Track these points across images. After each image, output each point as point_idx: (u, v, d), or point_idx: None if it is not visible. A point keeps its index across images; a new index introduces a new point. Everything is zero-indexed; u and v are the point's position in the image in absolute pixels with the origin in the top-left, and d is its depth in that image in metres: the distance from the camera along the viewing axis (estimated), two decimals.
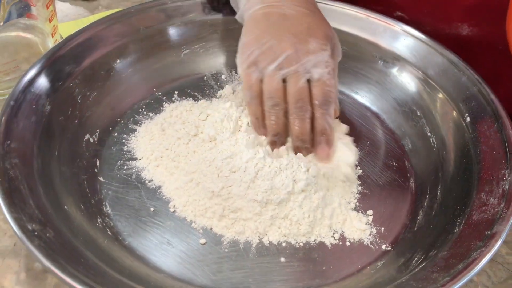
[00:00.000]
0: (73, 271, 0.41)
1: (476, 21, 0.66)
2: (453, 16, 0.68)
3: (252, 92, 0.55)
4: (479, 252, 0.44)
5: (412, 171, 0.61)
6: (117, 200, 0.56)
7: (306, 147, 0.56)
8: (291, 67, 0.53)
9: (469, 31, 0.68)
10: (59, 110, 0.58)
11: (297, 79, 0.53)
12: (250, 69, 0.54)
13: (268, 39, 0.54)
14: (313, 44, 0.53)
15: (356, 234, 0.54)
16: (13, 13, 0.64)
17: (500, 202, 0.48)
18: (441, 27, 0.65)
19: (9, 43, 0.68)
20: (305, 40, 0.53)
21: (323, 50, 0.54)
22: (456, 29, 0.68)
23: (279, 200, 0.53)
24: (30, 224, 0.44)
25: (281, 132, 0.55)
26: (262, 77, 0.54)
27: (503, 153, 0.53)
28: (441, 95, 0.62)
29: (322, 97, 0.54)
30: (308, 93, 0.54)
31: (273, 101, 0.54)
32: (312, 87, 0.53)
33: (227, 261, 0.51)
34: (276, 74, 0.53)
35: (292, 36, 0.53)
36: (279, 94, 0.53)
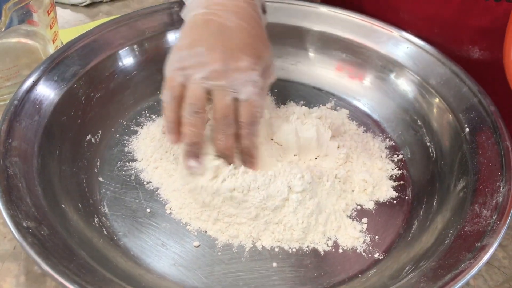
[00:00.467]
0: (63, 269, 0.42)
1: (487, 44, 0.66)
2: (464, 38, 0.67)
3: (173, 93, 0.53)
4: (468, 264, 0.44)
5: (409, 181, 0.61)
6: (115, 200, 0.57)
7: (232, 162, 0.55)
8: (218, 81, 0.52)
9: (480, 55, 0.67)
10: (62, 111, 0.59)
11: (224, 96, 0.52)
12: (177, 72, 0.53)
13: (201, 48, 0.52)
14: (244, 62, 0.52)
15: (349, 242, 0.54)
16: (15, 19, 0.65)
17: (492, 214, 0.48)
18: (451, 49, 0.65)
19: (10, 49, 0.69)
20: (237, 57, 0.52)
21: (253, 69, 0.52)
22: (467, 52, 0.68)
23: (274, 206, 0.53)
24: (25, 222, 0.45)
25: (197, 142, 0.54)
26: (186, 83, 0.53)
27: (499, 165, 0.52)
28: (441, 105, 0.62)
29: (249, 117, 0.53)
30: (234, 111, 0.53)
31: (195, 107, 0.52)
32: (239, 106, 0.53)
33: (220, 264, 0.52)
34: (201, 83, 0.52)
35: (225, 49, 0.52)
36: (201, 103, 0.52)
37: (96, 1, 0.87)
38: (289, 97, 0.69)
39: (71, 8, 0.86)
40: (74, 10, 0.86)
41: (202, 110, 0.52)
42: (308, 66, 0.72)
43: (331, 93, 0.70)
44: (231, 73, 0.52)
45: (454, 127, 0.59)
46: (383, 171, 0.61)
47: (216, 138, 0.54)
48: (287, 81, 0.72)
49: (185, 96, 0.53)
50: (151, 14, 0.69)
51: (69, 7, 0.86)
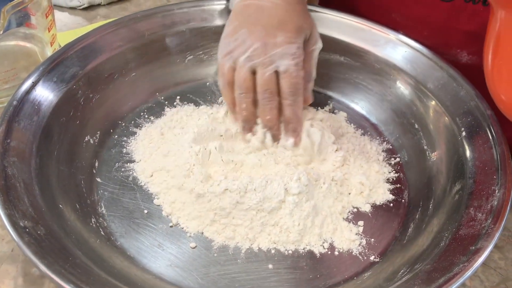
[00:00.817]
0: (59, 268, 0.42)
1: (476, 49, 0.66)
2: (453, 42, 0.68)
3: (224, 79, 0.58)
4: (461, 267, 0.44)
5: (406, 184, 0.61)
6: (112, 201, 0.57)
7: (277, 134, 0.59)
8: (259, 59, 0.56)
9: (468, 59, 0.68)
10: (61, 112, 0.59)
11: (264, 71, 0.56)
12: (225, 58, 0.58)
13: (242, 32, 0.57)
14: (281, 38, 0.56)
15: (345, 244, 0.54)
16: (13, 22, 0.65)
17: (487, 218, 0.48)
18: (440, 52, 0.65)
19: (8, 52, 0.70)
20: (274, 34, 0.56)
21: (290, 43, 0.56)
22: (455, 56, 0.68)
23: (270, 208, 0.54)
24: (22, 221, 0.46)
25: (248, 119, 0.58)
26: (234, 66, 0.58)
27: (495, 169, 0.53)
28: (438, 109, 0.62)
29: (289, 88, 0.56)
30: (275, 84, 0.56)
31: (240, 90, 0.57)
32: (280, 79, 0.56)
33: (215, 266, 0.52)
34: (245, 65, 0.57)
35: (264, 28, 0.57)
36: (246, 84, 0.57)
37: (94, 4, 0.87)
38: None
39: (69, 11, 0.86)
40: (72, 13, 0.86)
41: (247, 91, 0.57)
42: None
43: (329, 96, 0.71)
44: (270, 49, 0.56)
45: (451, 130, 0.60)
46: (380, 174, 0.61)
47: (260, 112, 0.58)
48: None
49: (235, 79, 0.58)
50: (150, 16, 0.69)
51: (67, 10, 0.86)
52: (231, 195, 0.54)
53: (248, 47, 0.56)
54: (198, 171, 0.56)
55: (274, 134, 0.58)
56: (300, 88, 0.57)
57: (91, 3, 0.86)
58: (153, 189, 0.58)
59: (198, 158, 0.57)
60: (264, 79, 0.56)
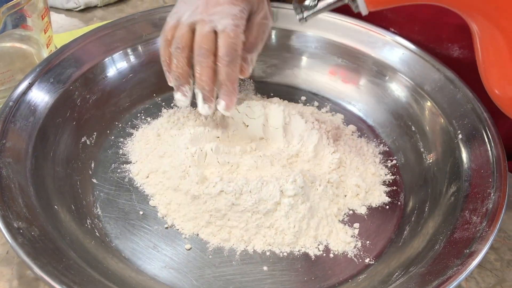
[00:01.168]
0: (51, 269, 0.42)
1: (467, 42, 0.66)
2: (443, 36, 0.68)
3: (164, 36, 0.58)
4: (455, 270, 0.44)
5: (402, 186, 0.61)
6: (108, 202, 0.57)
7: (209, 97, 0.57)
8: (199, 16, 0.56)
9: (460, 53, 0.68)
10: (57, 112, 0.59)
11: (202, 28, 0.56)
12: (171, 17, 0.59)
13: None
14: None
15: (340, 247, 0.54)
16: (9, 24, 0.65)
17: (482, 221, 0.48)
18: (432, 47, 0.65)
19: (4, 54, 0.70)
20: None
21: (233, 4, 0.56)
22: (447, 50, 0.68)
23: (266, 210, 0.54)
24: (16, 222, 0.46)
25: (181, 77, 0.57)
26: (177, 24, 0.58)
27: (490, 172, 0.52)
28: (435, 111, 0.62)
29: (224, 47, 0.55)
30: (211, 43, 0.55)
31: (177, 45, 0.56)
32: (218, 38, 0.55)
33: (210, 267, 0.52)
34: (186, 22, 0.57)
35: None
36: (183, 39, 0.56)
37: (90, 6, 0.87)
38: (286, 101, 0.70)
39: (65, 13, 0.86)
40: (69, 15, 0.86)
41: (183, 45, 0.56)
42: (304, 71, 0.72)
43: (327, 98, 0.71)
44: (212, 7, 0.56)
45: (447, 133, 0.60)
46: (376, 176, 0.61)
47: (195, 70, 0.56)
48: (283, 85, 0.72)
49: (174, 36, 0.57)
50: (147, 17, 0.69)
51: (64, 12, 0.86)
52: (227, 196, 0.54)
53: (192, 6, 0.57)
54: (194, 173, 0.56)
55: (206, 96, 0.57)
56: (237, 50, 0.55)
57: (88, 5, 0.86)
58: (149, 190, 0.58)
59: (194, 159, 0.57)
60: (201, 36, 0.55)
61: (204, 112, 0.57)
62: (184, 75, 0.57)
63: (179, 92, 0.58)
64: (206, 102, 0.57)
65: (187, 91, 0.58)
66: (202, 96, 0.57)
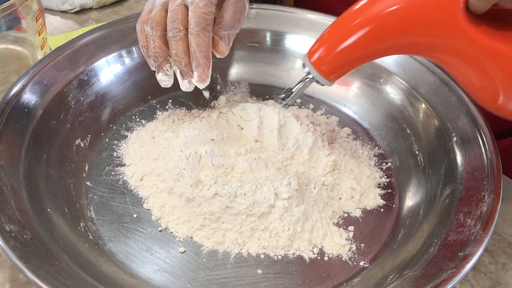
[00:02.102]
0: (43, 273, 0.42)
1: None
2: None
3: (140, 19, 0.60)
4: (449, 273, 0.44)
5: (397, 189, 0.61)
6: (101, 205, 0.57)
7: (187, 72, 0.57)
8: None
9: None
10: (51, 115, 0.59)
11: (173, 4, 0.57)
12: (147, 4, 0.61)
13: None
14: None
15: (335, 250, 0.54)
16: (3, 25, 0.65)
17: (476, 224, 0.48)
18: None
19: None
20: None
21: None
22: None
23: (260, 213, 0.53)
24: (8, 225, 0.45)
25: (158, 55, 0.57)
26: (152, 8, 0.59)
27: (485, 174, 0.52)
28: (430, 114, 0.62)
29: (194, 18, 0.56)
30: (182, 16, 0.57)
31: (150, 25, 0.58)
32: (188, 12, 0.56)
33: (204, 270, 0.52)
34: (159, 2, 0.58)
35: None
36: (156, 18, 0.58)
37: (85, 8, 0.87)
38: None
39: (60, 15, 0.86)
40: (64, 16, 0.86)
41: (156, 24, 0.57)
42: (300, 73, 0.71)
43: (322, 100, 0.70)
44: None
45: (442, 135, 0.59)
46: (371, 179, 0.61)
47: (169, 45, 0.57)
48: (278, 87, 0.72)
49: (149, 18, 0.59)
50: None
51: (59, 13, 0.86)
52: (221, 199, 0.53)
53: None
54: (188, 175, 0.55)
55: (184, 71, 0.57)
56: (207, 20, 0.56)
57: (83, 7, 0.86)
58: (143, 193, 0.58)
59: (188, 162, 0.57)
60: (172, 11, 0.57)
61: (185, 88, 0.58)
62: (161, 53, 0.57)
63: (160, 73, 0.58)
64: (185, 77, 0.57)
65: (168, 70, 0.58)
66: (179, 72, 0.57)
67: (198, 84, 0.57)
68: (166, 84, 0.59)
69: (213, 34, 0.58)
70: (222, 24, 0.59)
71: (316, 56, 0.49)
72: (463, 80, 0.47)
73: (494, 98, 0.45)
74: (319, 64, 0.49)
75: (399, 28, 0.45)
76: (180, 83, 0.58)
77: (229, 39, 0.60)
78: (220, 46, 0.59)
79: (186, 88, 0.58)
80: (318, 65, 0.50)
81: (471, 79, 0.46)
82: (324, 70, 0.50)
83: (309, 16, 0.71)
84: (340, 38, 0.47)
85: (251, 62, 0.72)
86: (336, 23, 0.48)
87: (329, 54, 0.48)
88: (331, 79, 0.51)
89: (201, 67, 0.56)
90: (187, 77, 0.57)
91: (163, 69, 0.58)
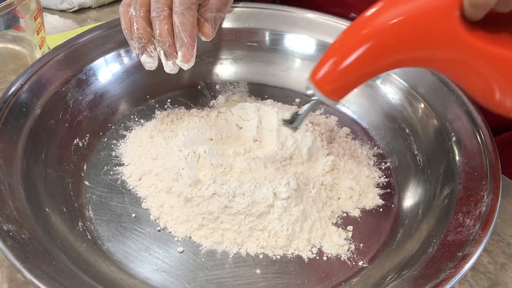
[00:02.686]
0: (41, 273, 0.42)
1: None
2: None
3: (123, 3, 0.59)
4: (448, 273, 0.44)
5: (396, 189, 0.60)
6: (100, 204, 0.56)
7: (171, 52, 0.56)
8: None
9: None
10: (49, 114, 0.59)
11: None
12: None
13: None
14: None
15: (334, 249, 0.54)
16: (1, 24, 0.65)
17: (475, 224, 0.48)
18: None
19: None
20: None
21: None
22: None
23: (259, 213, 0.53)
24: (6, 225, 0.45)
25: (141, 36, 0.57)
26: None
27: (484, 174, 0.52)
28: (429, 114, 0.62)
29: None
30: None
31: (134, 6, 0.57)
32: None
33: (203, 270, 0.52)
34: None
35: None
36: (140, 0, 0.57)
37: (84, 7, 0.87)
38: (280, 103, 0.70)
39: (59, 14, 0.86)
40: (62, 16, 0.85)
41: (140, 5, 0.57)
42: (299, 73, 0.72)
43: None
44: None
45: (441, 135, 0.59)
46: (370, 178, 0.61)
47: (153, 26, 0.57)
48: (277, 87, 0.72)
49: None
50: None
51: (57, 12, 0.86)
52: (220, 199, 0.53)
53: None
54: (186, 175, 0.55)
55: (168, 52, 0.56)
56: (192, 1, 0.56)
57: (82, 6, 0.86)
58: (142, 193, 0.58)
59: (187, 161, 0.57)
60: None
61: (168, 70, 0.57)
62: (145, 34, 0.57)
63: (144, 54, 0.57)
64: (169, 58, 0.56)
65: (152, 51, 0.57)
66: (163, 53, 0.56)
67: (182, 65, 0.56)
68: (150, 66, 0.58)
69: (199, 16, 0.58)
70: (208, 6, 0.58)
71: (318, 77, 0.49)
72: (467, 86, 0.48)
73: (494, 99, 0.46)
74: (322, 85, 0.50)
75: (398, 43, 0.45)
76: (164, 64, 0.57)
77: (215, 22, 0.60)
78: (206, 28, 0.58)
79: (170, 69, 0.57)
80: (321, 86, 0.50)
81: (473, 85, 0.47)
82: (327, 91, 0.50)
83: (308, 15, 0.71)
84: (340, 57, 0.47)
85: (250, 61, 0.72)
86: (335, 44, 0.49)
87: (330, 75, 0.49)
88: (335, 99, 0.50)
89: (185, 46, 0.55)
90: (171, 58, 0.56)
91: (147, 50, 0.57)
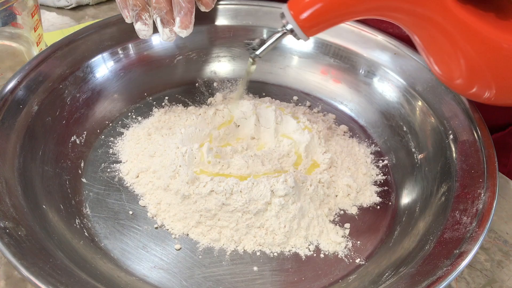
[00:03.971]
0: (37, 270, 0.42)
1: None
2: None
3: None
4: (445, 270, 0.44)
5: (393, 186, 0.60)
6: (97, 202, 0.56)
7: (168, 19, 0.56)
8: None
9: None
10: (47, 111, 0.59)
11: None
12: None
13: None
14: None
15: (331, 247, 0.54)
16: None
17: (472, 221, 0.48)
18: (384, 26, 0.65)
19: None
20: None
21: None
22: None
23: (256, 210, 0.53)
24: (3, 222, 0.45)
25: (137, 3, 0.56)
26: None
27: (481, 172, 0.52)
28: (427, 111, 0.62)
29: None
30: None
31: None
32: None
33: (200, 268, 0.52)
34: None
35: None
36: None
37: (82, 4, 0.86)
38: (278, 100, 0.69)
39: (56, 11, 0.85)
40: (60, 13, 0.85)
41: None
42: (297, 71, 0.72)
43: (319, 98, 0.70)
44: None
45: (438, 133, 0.59)
46: (367, 176, 0.61)
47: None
48: (275, 85, 0.72)
49: None
50: None
51: (55, 10, 0.85)
52: (217, 196, 0.53)
53: None
54: (184, 172, 0.55)
55: (165, 19, 0.55)
56: None
57: (79, 3, 0.86)
58: (139, 190, 0.58)
59: (184, 159, 0.57)
60: None
61: (165, 38, 0.56)
62: (140, 1, 0.56)
63: (139, 22, 0.56)
64: (166, 25, 0.55)
65: (147, 19, 0.56)
66: (160, 20, 0.55)
67: (179, 32, 0.55)
68: (145, 34, 0.57)
69: None
70: None
71: (298, 8, 0.47)
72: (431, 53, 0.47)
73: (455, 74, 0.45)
74: (299, 16, 0.47)
75: None
76: (160, 32, 0.56)
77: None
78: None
79: (167, 37, 0.56)
80: (297, 17, 0.48)
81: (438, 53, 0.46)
82: (303, 24, 0.48)
83: None
84: None
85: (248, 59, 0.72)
86: None
87: (309, 7, 0.47)
88: (308, 33, 0.49)
89: (184, 12, 0.54)
90: (168, 25, 0.56)
91: (141, 18, 0.56)
